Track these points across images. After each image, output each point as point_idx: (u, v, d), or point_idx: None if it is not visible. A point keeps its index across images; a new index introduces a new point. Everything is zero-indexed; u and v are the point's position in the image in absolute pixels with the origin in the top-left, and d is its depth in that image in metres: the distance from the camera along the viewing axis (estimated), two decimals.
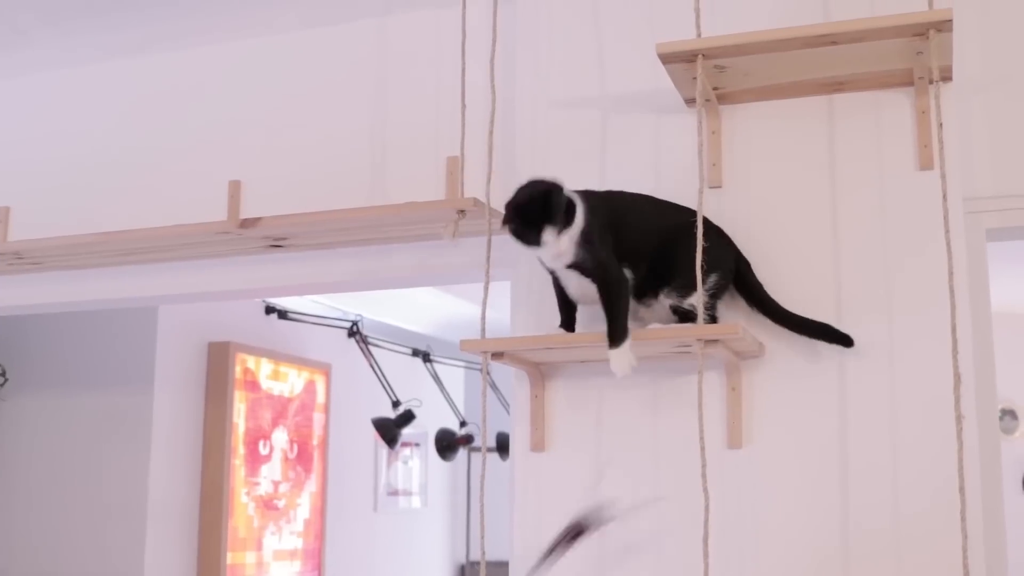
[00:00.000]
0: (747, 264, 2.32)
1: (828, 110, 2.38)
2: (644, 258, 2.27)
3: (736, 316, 2.31)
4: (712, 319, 2.23)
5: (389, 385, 5.62)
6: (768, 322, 2.30)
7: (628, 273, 2.25)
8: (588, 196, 2.25)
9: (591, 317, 2.41)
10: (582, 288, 2.28)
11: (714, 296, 2.24)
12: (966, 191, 2.36)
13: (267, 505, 5.01)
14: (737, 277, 2.31)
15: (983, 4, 2.50)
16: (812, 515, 2.25)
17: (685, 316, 2.24)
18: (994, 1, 2.50)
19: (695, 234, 2.14)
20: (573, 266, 2.22)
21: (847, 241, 2.32)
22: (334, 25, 3.10)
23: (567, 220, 2.15)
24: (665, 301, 2.26)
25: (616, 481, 2.39)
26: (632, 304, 2.30)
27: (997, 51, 2.48)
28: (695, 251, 2.13)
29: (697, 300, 2.15)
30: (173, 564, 4.44)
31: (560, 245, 2.16)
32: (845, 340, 2.26)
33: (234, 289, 3.18)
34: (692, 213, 2.22)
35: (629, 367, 2.19)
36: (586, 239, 2.18)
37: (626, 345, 2.18)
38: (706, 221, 2.22)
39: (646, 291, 2.28)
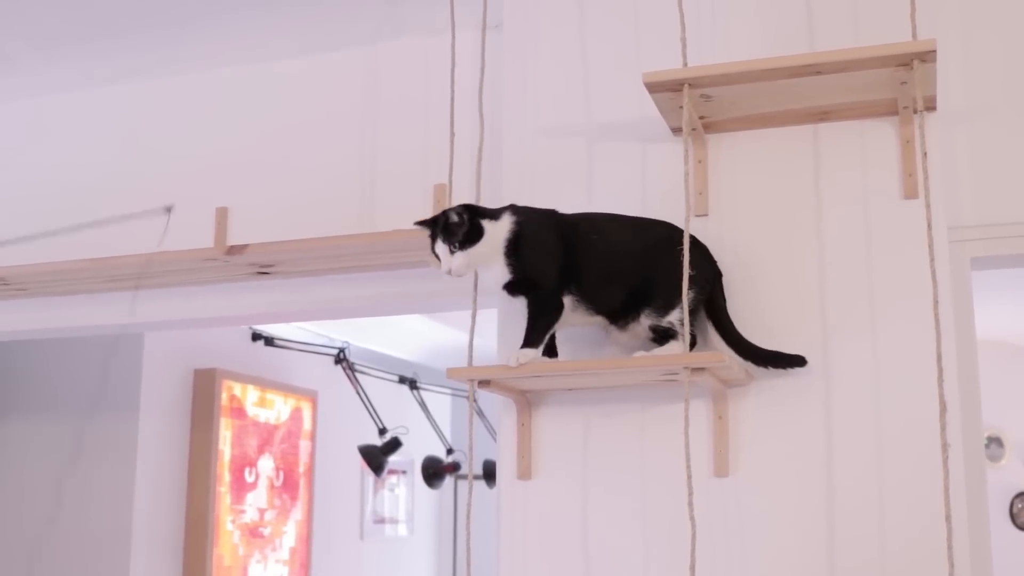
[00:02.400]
0: (719, 278, 2.31)
1: (813, 139, 2.39)
2: (623, 279, 2.27)
3: (718, 339, 2.31)
4: (691, 337, 2.23)
5: (375, 412, 5.61)
6: None
7: (584, 303, 2.27)
8: (528, 212, 2.30)
9: (578, 344, 2.42)
10: (573, 319, 2.30)
11: (692, 313, 2.23)
12: (950, 220, 2.38)
13: (252, 533, 4.98)
14: None
15: (966, 35, 2.53)
16: (798, 543, 2.25)
17: (664, 335, 2.24)
18: (977, 32, 2.53)
19: (676, 251, 2.14)
20: (508, 288, 2.27)
21: (832, 269, 2.33)
22: (322, 53, 3.11)
23: (467, 239, 2.22)
24: (645, 321, 2.26)
25: (602, 510, 2.39)
26: (609, 327, 2.31)
27: (980, 81, 2.50)
28: (674, 268, 2.14)
29: (683, 323, 2.15)
30: None
31: (453, 261, 2.23)
32: (798, 361, 2.26)
33: (220, 316, 3.17)
34: (672, 228, 2.24)
35: (521, 363, 2.21)
36: (512, 250, 2.24)
37: (531, 352, 2.22)
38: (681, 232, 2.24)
39: (627, 313, 2.28)
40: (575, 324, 2.33)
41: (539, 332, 2.25)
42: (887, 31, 2.31)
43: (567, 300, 2.26)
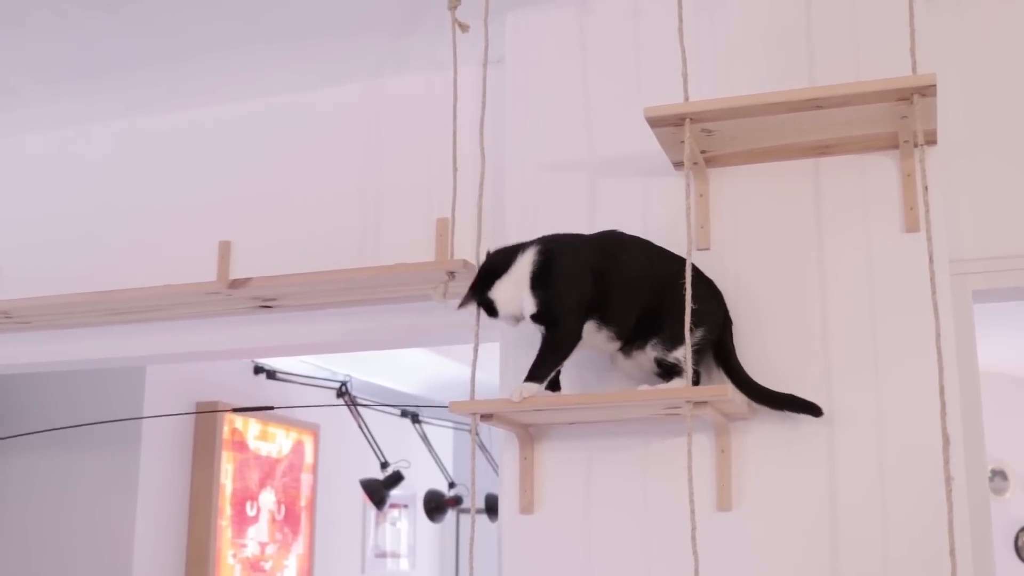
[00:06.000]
0: (730, 323, 2.32)
1: (814, 173, 2.40)
2: (634, 304, 2.26)
3: (721, 376, 2.31)
4: (695, 375, 2.23)
5: (378, 446, 5.59)
6: None
7: (606, 327, 2.26)
8: (559, 242, 2.30)
9: (581, 376, 2.42)
10: (597, 343, 2.30)
11: (699, 352, 2.23)
12: (952, 253, 2.38)
13: (254, 567, 4.96)
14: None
15: (966, 69, 2.54)
16: None
17: (669, 370, 2.24)
18: (977, 66, 2.54)
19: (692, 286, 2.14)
20: (532, 318, 2.26)
21: (834, 303, 2.33)
22: (326, 87, 3.13)
23: (489, 312, 2.31)
24: (651, 353, 2.25)
25: (605, 545, 2.38)
26: (616, 355, 2.31)
27: (980, 115, 2.51)
28: (685, 304, 2.13)
29: (686, 359, 2.14)
30: None
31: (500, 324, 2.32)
32: (813, 409, 2.24)
33: (223, 349, 3.17)
34: (685, 263, 2.23)
35: (524, 397, 2.20)
36: (537, 283, 2.24)
37: (534, 387, 2.21)
38: (699, 274, 2.24)
39: (634, 340, 2.27)
40: (593, 348, 2.32)
41: (547, 368, 2.24)
42: (887, 65, 2.33)
43: (590, 324, 2.25)
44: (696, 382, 2.22)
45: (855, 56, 2.42)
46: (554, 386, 2.34)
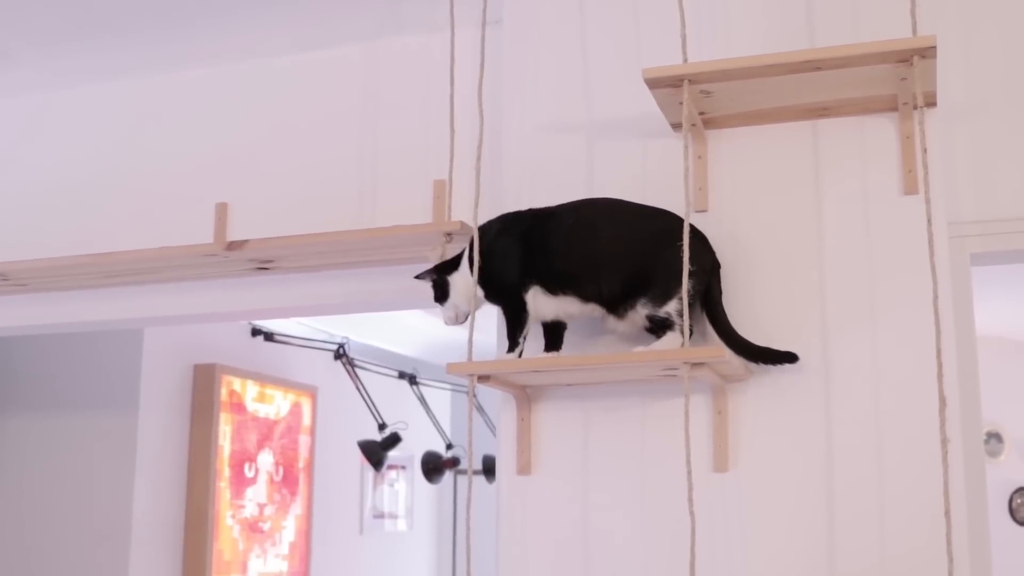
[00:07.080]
0: (718, 266, 2.30)
1: (813, 135, 2.40)
2: (617, 267, 2.26)
3: (714, 336, 2.31)
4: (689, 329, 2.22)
5: (375, 407, 5.61)
6: None
7: (559, 294, 2.31)
8: (482, 228, 2.38)
9: (578, 340, 2.42)
10: (556, 309, 2.33)
11: (689, 305, 2.22)
12: (950, 216, 2.38)
13: (252, 528, 4.99)
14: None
15: (966, 30, 2.53)
16: (798, 539, 2.25)
17: (660, 324, 2.24)
18: (977, 28, 2.53)
19: (676, 245, 2.14)
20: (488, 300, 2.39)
21: (832, 265, 2.33)
22: (323, 49, 3.11)
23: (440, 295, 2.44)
24: (642, 311, 2.25)
25: (602, 506, 2.39)
26: (607, 317, 2.31)
27: (980, 77, 2.51)
28: (673, 259, 2.14)
29: (684, 316, 2.14)
30: None
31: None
32: (789, 358, 2.25)
33: (220, 311, 3.17)
34: (675, 220, 2.23)
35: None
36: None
37: (513, 355, 2.31)
38: (682, 223, 2.23)
39: (623, 301, 2.27)
40: (571, 313, 2.33)
41: (510, 336, 2.32)
42: (887, 27, 2.32)
43: (537, 291, 2.30)
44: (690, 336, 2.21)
45: (855, 17, 2.41)
46: (555, 346, 2.35)
